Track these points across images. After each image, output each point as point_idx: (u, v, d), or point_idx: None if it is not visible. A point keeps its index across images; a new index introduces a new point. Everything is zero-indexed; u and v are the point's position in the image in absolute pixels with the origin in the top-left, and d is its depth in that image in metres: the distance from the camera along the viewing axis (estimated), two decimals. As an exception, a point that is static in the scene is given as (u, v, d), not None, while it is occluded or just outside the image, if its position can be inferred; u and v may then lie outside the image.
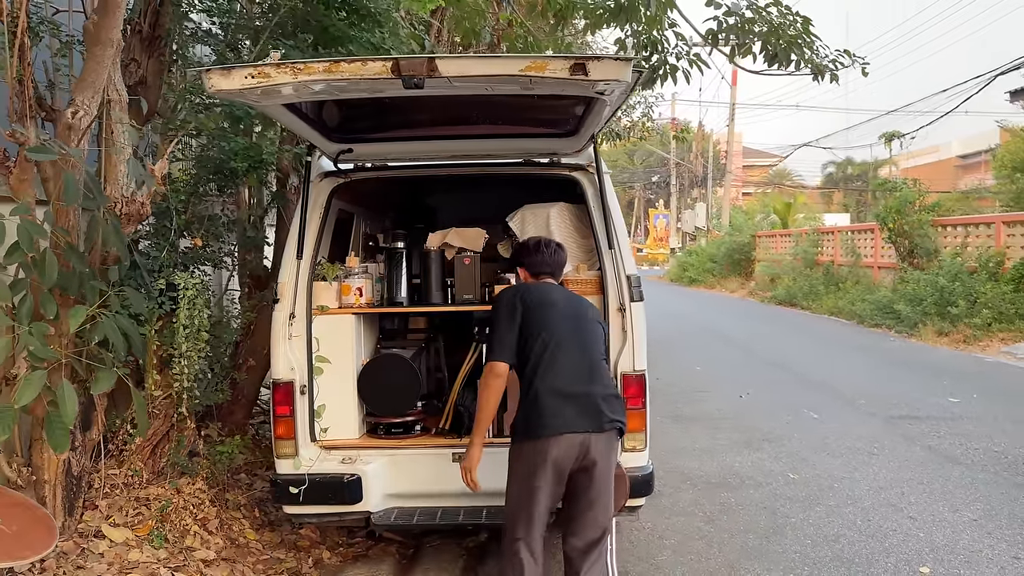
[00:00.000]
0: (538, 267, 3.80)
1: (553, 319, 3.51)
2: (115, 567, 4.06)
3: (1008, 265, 14.25)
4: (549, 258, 3.81)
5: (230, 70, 3.09)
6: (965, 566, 4.61)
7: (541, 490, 3.34)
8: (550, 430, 3.32)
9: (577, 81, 3.09)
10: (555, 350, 3.43)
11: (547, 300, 3.59)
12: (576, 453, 3.34)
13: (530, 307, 3.53)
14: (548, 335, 3.46)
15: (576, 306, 3.67)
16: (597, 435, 3.38)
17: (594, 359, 3.55)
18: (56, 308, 3.74)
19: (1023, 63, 16.12)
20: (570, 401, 3.37)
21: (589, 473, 3.38)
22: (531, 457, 3.36)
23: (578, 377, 3.43)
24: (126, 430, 4.72)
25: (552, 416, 3.33)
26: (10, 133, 3.72)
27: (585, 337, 3.56)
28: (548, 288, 3.71)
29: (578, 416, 3.36)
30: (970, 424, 7.91)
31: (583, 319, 3.62)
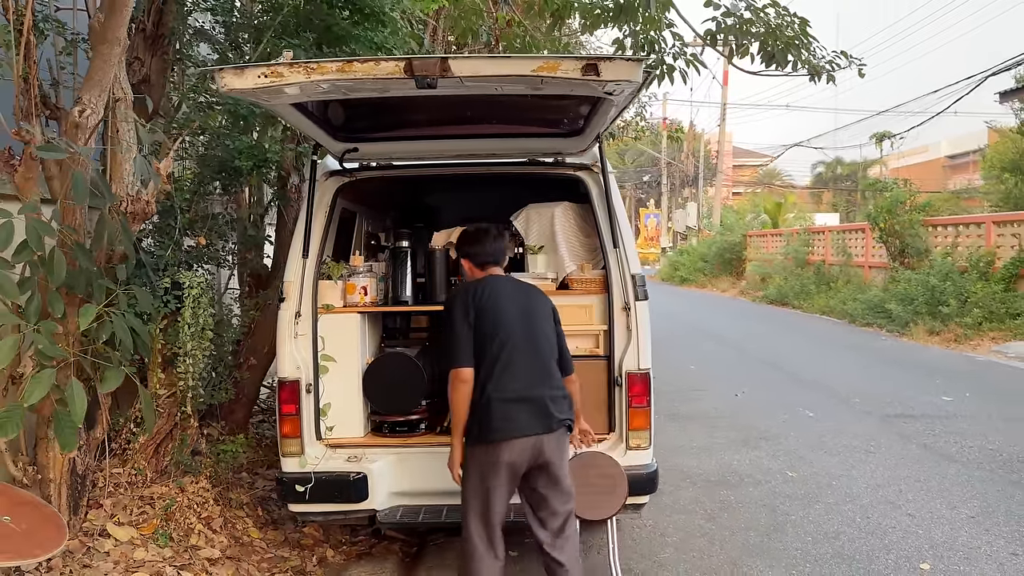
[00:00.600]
0: (482, 257, 3.77)
1: (506, 321, 3.54)
2: (121, 566, 4.05)
3: (998, 265, 14.38)
4: (490, 246, 3.78)
5: (243, 69, 3.10)
6: (964, 562, 4.66)
7: (495, 490, 3.45)
8: (502, 434, 3.40)
9: (588, 81, 3.11)
10: (510, 353, 3.49)
11: (499, 300, 3.59)
12: (529, 455, 3.43)
13: (483, 309, 3.54)
14: (502, 339, 3.50)
15: (527, 302, 3.67)
16: (548, 435, 3.47)
17: (545, 359, 3.60)
18: (63, 307, 3.74)
19: (1014, 64, 16.25)
20: (522, 405, 3.44)
21: (545, 471, 3.51)
22: (485, 460, 3.45)
23: (530, 380, 3.50)
24: (129, 429, 4.71)
25: (504, 420, 3.41)
26: (16, 131, 3.71)
27: (537, 337, 3.60)
28: (499, 285, 3.68)
29: (530, 419, 3.44)
30: (964, 422, 7.98)
31: (535, 316, 3.64)
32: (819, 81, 7.48)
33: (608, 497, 4.13)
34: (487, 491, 3.44)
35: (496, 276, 3.75)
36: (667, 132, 16.12)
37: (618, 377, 4.31)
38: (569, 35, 12.01)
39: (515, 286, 3.75)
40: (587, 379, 4.40)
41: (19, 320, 3.64)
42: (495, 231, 3.85)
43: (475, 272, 3.80)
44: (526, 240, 4.80)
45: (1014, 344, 12.60)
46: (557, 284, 4.61)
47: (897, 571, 4.56)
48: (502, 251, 3.85)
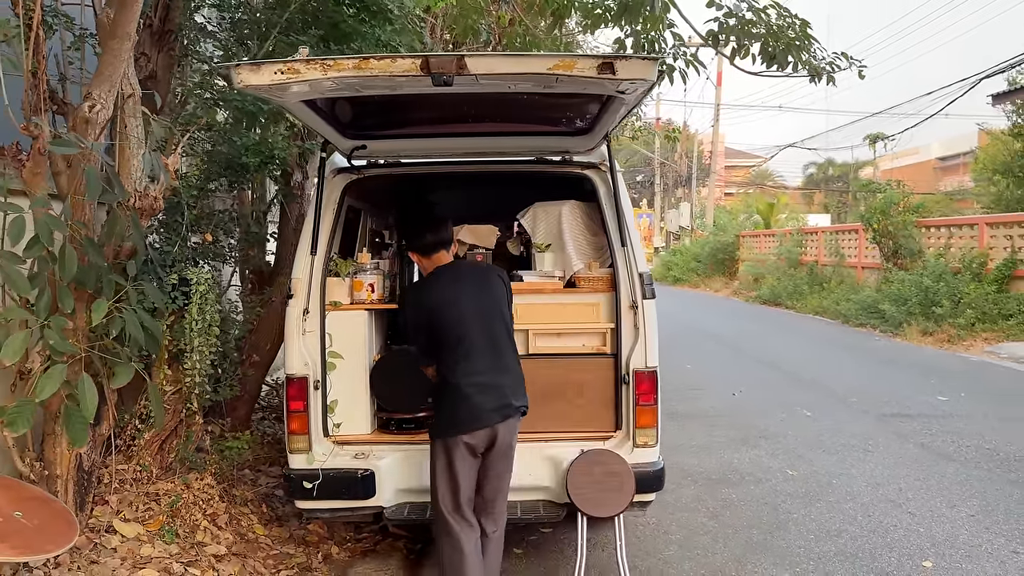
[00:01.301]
0: (427, 249, 3.88)
1: (457, 317, 3.70)
2: (128, 562, 4.05)
3: (991, 266, 14.49)
4: (433, 236, 3.88)
5: (259, 65, 3.10)
6: (966, 560, 4.70)
7: (462, 474, 3.66)
8: (464, 428, 3.62)
9: (603, 80, 3.13)
10: (467, 348, 3.67)
11: (450, 295, 3.74)
12: (487, 441, 3.67)
13: (434, 308, 3.74)
14: (458, 335, 3.68)
15: (480, 290, 3.80)
16: (504, 423, 3.68)
17: (502, 347, 3.77)
18: (73, 302, 3.73)
19: (1007, 67, 16.36)
20: (481, 397, 3.63)
21: (494, 448, 3.70)
22: (450, 451, 3.65)
23: (488, 372, 3.68)
24: (134, 425, 4.71)
25: (465, 414, 3.62)
26: (25, 126, 3.70)
27: (493, 326, 3.75)
28: (448, 276, 3.83)
29: (489, 411, 3.63)
30: (960, 422, 8.04)
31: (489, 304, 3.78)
32: (819, 82, 7.51)
33: (615, 494, 4.15)
34: (455, 477, 3.65)
35: (444, 268, 3.87)
36: (665, 132, 16.12)
37: (625, 375, 4.32)
38: (567, 34, 12.02)
39: (466, 274, 3.89)
40: (594, 377, 4.43)
41: (28, 315, 3.64)
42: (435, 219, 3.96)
43: (421, 260, 3.93)
44: (533, 238, 4.81)
45: (1007, 345, 12.69)
46: (564, 282, 4.62)
47: (900, 569, 4.60)
48: (445, 237, 3.92)
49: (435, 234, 3.88)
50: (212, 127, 5.12)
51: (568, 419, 4.41)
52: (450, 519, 3.68)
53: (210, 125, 5.06)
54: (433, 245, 3.88)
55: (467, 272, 3.91)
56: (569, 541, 4.96)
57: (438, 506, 3.72)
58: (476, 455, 3.69)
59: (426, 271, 3.95)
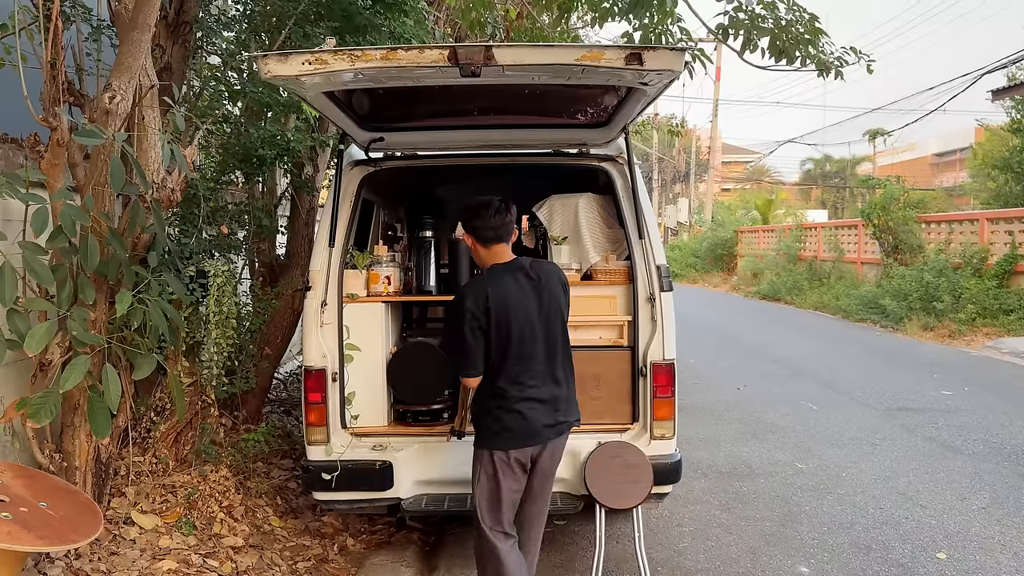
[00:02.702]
0: (485, 232, 3.47)
1: (517, 326, 3.38)
2: (147, 553, 4.06)
3: (992, 261, 14.53)
4: (493, 220, 3.45)
5: (287, 56, 3.09)
6: (980, 552, 4.73)
7: (505, 489, 3.47)
8: (517, 442, 3.42)
9: (628, 71, 3.13)
10: (523, 361, 3.41)
11: (514, 296, 3.39)
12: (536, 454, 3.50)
13: (493, 317, 3.36)
14: (515, 346, 3.39)
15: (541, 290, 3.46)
16: (561, 439, 3.56)
17: (559, 359, 3.51)
18: (94, 293, 3.73)
19: (1008, 63, 16.40)
20: (537, 412, 3.42)
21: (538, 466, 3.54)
22: (496, 464, 3.45)
23: (545, 385, 3.46)
24: (150, 417, 4.71)
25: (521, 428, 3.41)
26: (43, 118, 3.70)
27: (551, 333, 3.48)
28: (509, 277, 3.44)
29: (544, 427, 3.45)
30: (965, 416, 8.07)
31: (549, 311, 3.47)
32: (827, 76, 7.52)
33: (633, 487, 4.16)
34: (498, 491, 3.47)
35: (506, 265, 3.49)
36: (667, 127, 16.13)
37: (643, 367, 4.33)
38: (572, 29, 11.99)
39: (526, 278, 3.47)
40: (611, 369, 4.43)
41: (50, 306, 3.64)
42: (497, 204, 3.49)
43: (478, 249, 3.54)
44: (549, 231, 4.82)
45: (1008, 340, 12.73)
46: (581, 275, 4.63)
47: (914, 560, 4.62)
48: (507, 225, 3.51)
49: (497, 222, 3.46)
50: (228, 119, 5.10)
51: (585, 411, 4.38)
52: (489, 534, 3.48)
53: (226, 117, 5.04)
54: (495, 235, 3.47)
55: (531, 271, 3.50)
56: (584, 533, 4.98)
57: (478, 519, 3.51)
58: (525, 471, 3.50)
59: (482, 262, 3.59)
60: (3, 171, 3.59)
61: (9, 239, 3.56)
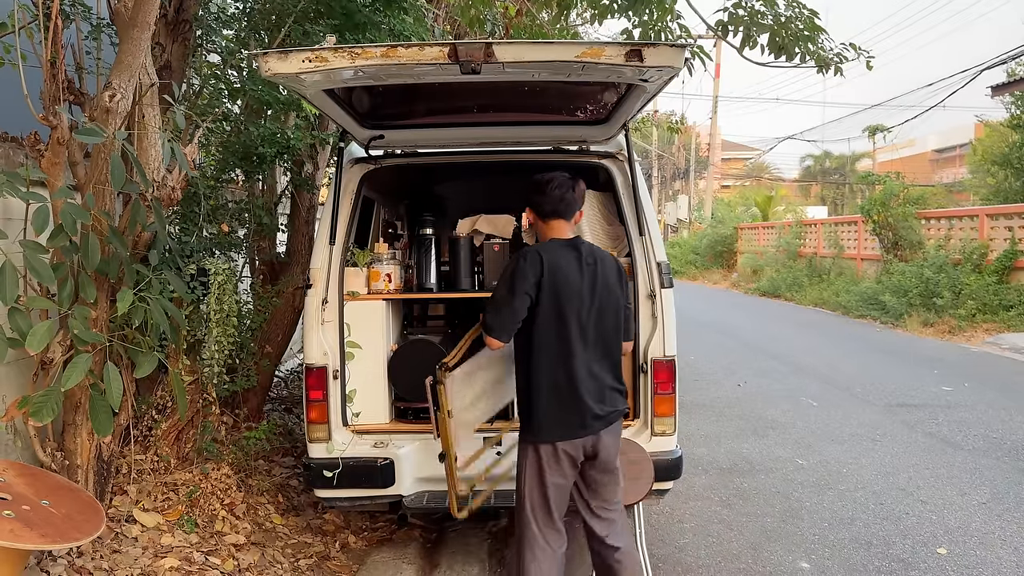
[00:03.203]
0: (544, 206, 3.38)
1: (571, 306, 3.25)
2: (150, 551, 4.07)
3: (992, 257, 14.53)
4: (552, 194, 3.36)
5: (287, 53, 3.09)
6: (980, 547, 4.74)
7: (554, 485, 3.33)
8: (560, 435, 3.28)
9: (629, 67, 3.13)
10: (572, 343, 3.27)
11: (564, 273, 3.25)
12: (588, 447, 3.33)
13: (545, 277, 3.23)
14: (566, 326, 3.26)
15: (595, 278, 3.33)
16: (611, 428, 3.39)
17: (610, 346, 3.38)
18: (95, 292, 3.74)
19: (1008, 59, 16.40)
20: (581, 402, 3.27)
21: (598, 460, 3.39)
22: (541, 458, 3.32)
23: (591, 372, 3.31)
24: (151, 415, 4.71)
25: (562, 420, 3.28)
26: (43, 116, 3.70)
27: (604, 320, 3.34)
28: (564, 252, 3.32)
29: (589, 417, 3.29)
30: (965, 412, 8.09)
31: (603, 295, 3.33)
32: (827, 73, 7.51)
33: (635, 483, 4.15)
34: (544, 487, 3.33)
35: (560, 244, 3.36)
36: (667, 124, 16.11)
37: (643, 364, 4.33)
38: (570, 26, 11.98)
39: (583, 259, 3.34)
40: (611, 366, 4.43)
41: (51, 305, 3.64)
42: (560, 179, 3.40)
43: (538, 224, 3.45)
44: (549, 228, 4.81)
45: (1008, 336, 12.74)
46: (581, 271, 4.62)
47: (915, 555, 4.63)
48: (567, 202, 3.38)
49: (556, 197, 3.36)
50: (228, 117, 5.10)
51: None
52: (536, 531, 3.35)
53: (226, 115, 5.04)
54: (553, 210, 3.38)
55: (587, 254, 3.36)
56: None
57: (524, 514, 3.37)
58: (576, 466, 3.35)
59: (541, 237, 3.48)
60: (4, 170, 3.59)
61: (10, 238, 3.56)
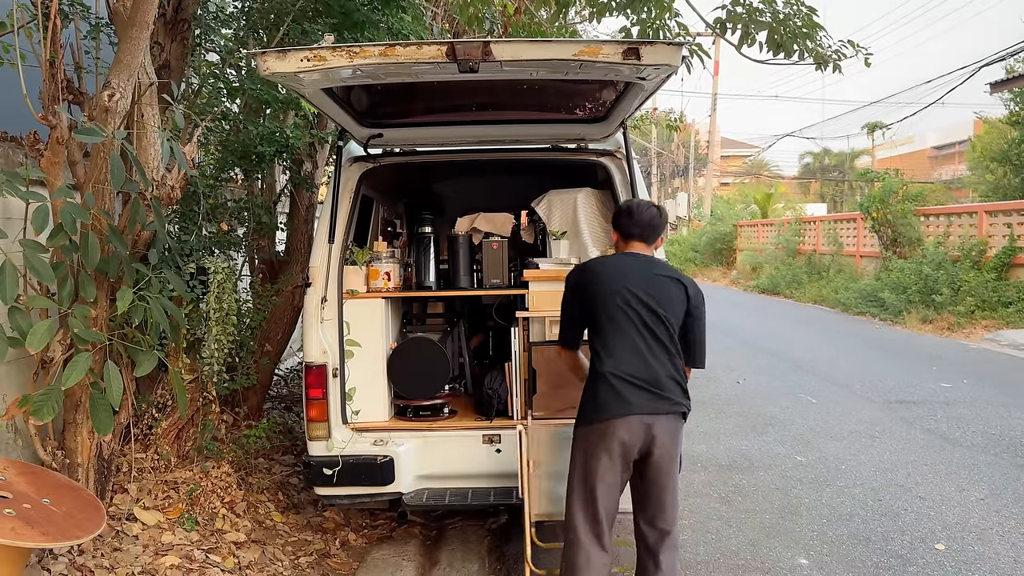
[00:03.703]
0: (627, 228, 3.51)
1: (615, 299, 3.32)
2: (150, 549, 4.08)
3: (990, 254, 14.53)
4: (637, 217, 3.49)
5: (285, 52, 3.11)
6: (978, 543, 4.75)
7: (602, 475, 3.25)
8: (610, 412, 3.22)
9: (626, 66, 3.14)
10: (621, 335, 3.29)
11: (612, 278, 3.37)
12: (640, 438, 3.22)
13: (589, 287, 3.40)
14: (614, 320, 3.31)
15: (648, 281, 3.38)
16: (659, 418, 3.23)
17: (660, 342, 3.32)
18: (95, 291, 3.75)
19: (1006, 55, 16.40)
20: (632, 386, 3.22)
21: (655, 459, 3.28)
22: (591, 441, 3.28)
23: (642, 362, 3.26)
24: (151, 414, 4.73)
25: (613, 399, 3.22)
26: (43, 116, 3.71)
27: (654, 319, 3.33)
28: (620, 263, 3.46)
29: (640, 400, 3.21)
30: (964, 408, 8.09)
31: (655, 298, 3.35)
32: (825, 70, 7.52)
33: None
34: (593, 475, 3.26)
35: (624, 255, 3.52)
36: (666, 122, 16.12)
37: (641, 361, 4.33)
38: (569, 24, 11.98)
39: (641, 264, 3.45)
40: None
41: (51, 304, 3.65)
42: (647, 204, 3.58)
43: (619, 244, 3.59)
44: (548, 226, 4.83)
45: (1007, 332, 12.75)
46: (580, 269, 4.63)
47: (913, 551, 4.65)
48: (648, 225, 3.49)
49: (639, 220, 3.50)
50: (227, 116, 5.11)
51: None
52: (580, 530, 3.29)
53: (225, 114, 5.05)
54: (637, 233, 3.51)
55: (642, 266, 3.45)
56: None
57: (570, 511, 3.34)
58: (627, 458, 3.25)
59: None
60: (3, 169, 3.61)
61: (10, 237, 3.57)
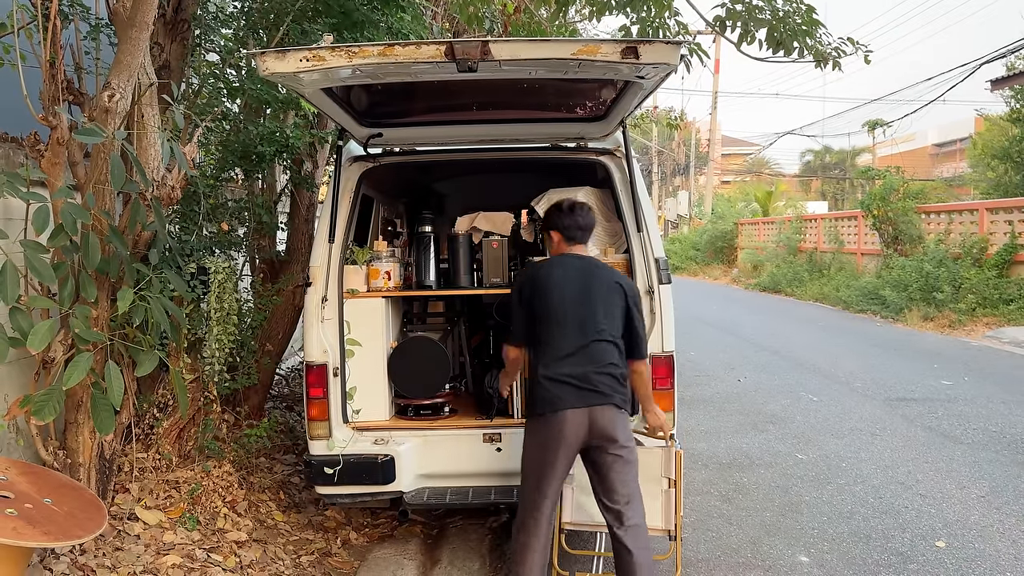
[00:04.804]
0: (570, 231, 3.72)
1: (559, 302, 3.56)
2: (152, 548, 4.09)
3: (991, 251, 14.53)
4: (582, 220, 3.73)
5: (285, 53, 3.11)
6: (979, 540, 4.76)
7: (547, 465, 3.52)
8: (550, 408, 3.48)
9: (625, 64, 3.15)
10: (559, 335, 3.54)
11: (557, 281, 3.60)
12: (582, 431, 3.47)
13: (536, 289, 3.63)
14: (554, 320, 3.57)
15: (588, 281, 3.61)
16: (595, 409, 3.48)
17: (595, 339, 3.54)
18: (95, 291, 3.76)
19: (1007, 52, 16.40)
20: (567, 384, 3.47)
21: (601, 449, 3.52)
22: (538, 433, 3.56)
23: (577, 360, 3.51)
24: (152, 414, 4.74)
25: (551, 395, 3.48)
26: (43, 116, 3.71)
27: (589, 317, 3.55)
28: (564, 264, 3.67)
29: (575, 395, 3.47)
30: (965, 405, 8.10)
31: (593, 297, 3.58)
32: (825, 67, 7.52)
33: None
34: (540, 464, 3.53)
35: (566, 255, 3.72)
36: (666, 120, 16.12)
37: (642, 359, 4.34)
38: (569, 23, 11.98)
39: (583, 265, 3.68)
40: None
41: (52, 304, 3.66)
42: (587, 207, 3.81)
43: (562, 246, 3.75)
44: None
45: (1008, 329, 12.75)
46: (580, 268, 4.64)
47: (914, 549, 4.65)
48: (589, 229, 3.79)
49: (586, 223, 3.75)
50: (227, 116, 5.12)
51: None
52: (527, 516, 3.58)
53: (225, 114, 5.06)
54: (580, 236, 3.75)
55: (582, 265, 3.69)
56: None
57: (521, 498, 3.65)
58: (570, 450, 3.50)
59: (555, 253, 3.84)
60: (4, 170, 3.62)
61: (11, 238, 3.58)
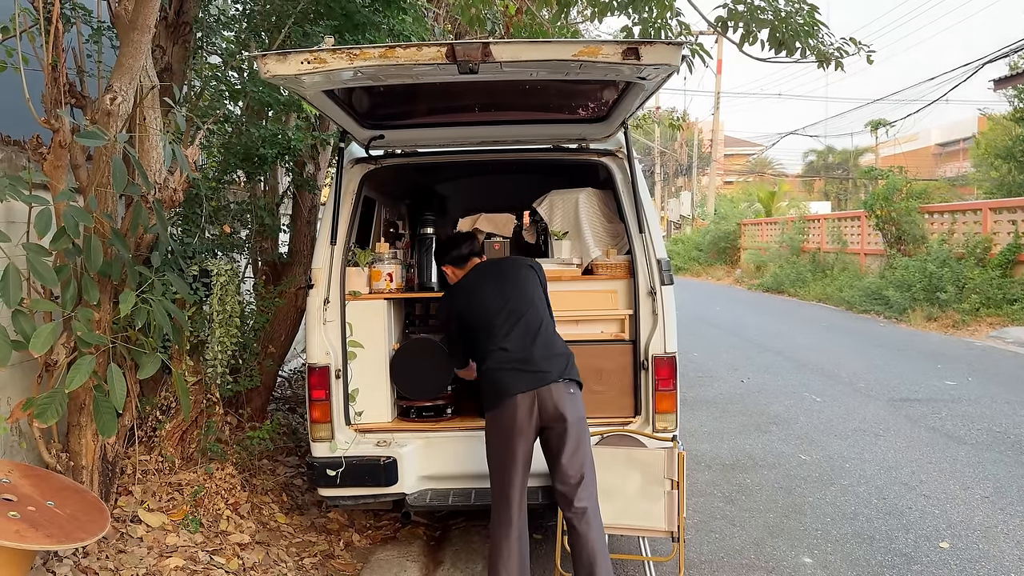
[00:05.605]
0: (459, 256, 4.08)
1: (489, 311, 3.80)
2: (155, 551, 4.09)
3: (995, 251, 14.49)
4: (465, 247, 4.09)
5: (286, 55, 3.11)
6: (983, 541, 4.74)
7: (508, 451, 3.64)
8: (500, 398, 3.62)
9: (626, 65, 3.14)
10: (498, 337, 3.73)
11: (475, 297, 3.87)
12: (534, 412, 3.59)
13: (463, 312, 3.91)
14: (489, 327, 3.78)
15: (506, 282, 3.88)
16: (545, 388, 3.59)
17: (535, 328, 3.76)
18: (98, 294, 3.76)
19: (1009, 52, 16.36)
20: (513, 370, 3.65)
21: (557, 429, 3.63)
22: (494, 425, 3.68)
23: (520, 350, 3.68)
24: (155, 416, 4.74)
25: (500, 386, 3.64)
26: (45, 120, 3.72)
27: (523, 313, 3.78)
28: (475, 280, 3.95)
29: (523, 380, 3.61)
30: (968, 406, 8.08)
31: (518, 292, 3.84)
32: (827, 67, 7.51)
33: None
34: (501, 455, 3.66)
35: (473, 268, 4.02)
36: (668, 121, 16.08)
37: (644, 361, 4.35)
38: (571, 24, 11.97)
39: (486, 267, 4.02)
40: (613, 363, 4.45)
41: (55, 307, 3.66)
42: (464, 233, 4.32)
43: (457, 273, 4.08)
44: (550, 226, 4.83)
45: (1011, 329, 12.72)
46: (582, 269, 4.64)
47: (918, 550, 4.64)
48: (470, 242, 4.13)
49: (470, 247, 4.09)
50: (229, 119, 5.12)
51: (588, 405, 4.42)
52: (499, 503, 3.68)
53: (227, 117, 5.07)
54: (469, 254, 4.08)
55: (494, 270, 4.01)
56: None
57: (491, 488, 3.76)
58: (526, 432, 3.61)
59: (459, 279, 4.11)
60: (6, 173, 3.62)
61: (13, 241, 3.58)
